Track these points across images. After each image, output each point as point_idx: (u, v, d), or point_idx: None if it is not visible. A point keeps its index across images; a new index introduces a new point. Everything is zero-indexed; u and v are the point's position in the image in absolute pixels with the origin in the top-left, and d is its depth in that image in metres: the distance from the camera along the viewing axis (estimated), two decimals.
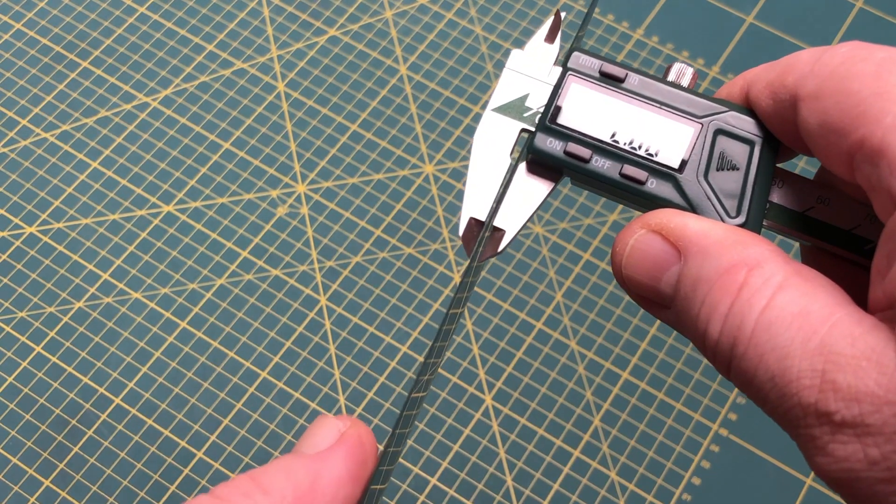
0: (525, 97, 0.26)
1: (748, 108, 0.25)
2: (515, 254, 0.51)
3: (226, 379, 0.48)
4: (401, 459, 0.47)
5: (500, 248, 0.25)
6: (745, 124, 0.24)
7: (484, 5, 0.58)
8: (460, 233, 0.25)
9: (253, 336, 0.49)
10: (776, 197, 0.25)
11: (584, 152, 0.24)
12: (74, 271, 0.51)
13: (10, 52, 0.57)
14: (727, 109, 0.24)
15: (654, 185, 0.24)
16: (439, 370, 0.49)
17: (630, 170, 0.24)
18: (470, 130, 0.55)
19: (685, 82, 0.25)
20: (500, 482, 0.47)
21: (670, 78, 0.26)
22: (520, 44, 0.57)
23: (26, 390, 0.48)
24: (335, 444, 0.23)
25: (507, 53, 0.57)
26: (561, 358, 0.49)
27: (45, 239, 0.52)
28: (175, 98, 0.55)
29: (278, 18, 0.58)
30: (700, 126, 0.24)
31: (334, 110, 0.55)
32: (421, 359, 0.49)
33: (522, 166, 0.25)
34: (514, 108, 0.26)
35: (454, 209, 0.52)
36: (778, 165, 0.25)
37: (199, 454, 0.47)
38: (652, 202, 0.24)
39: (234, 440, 0.47)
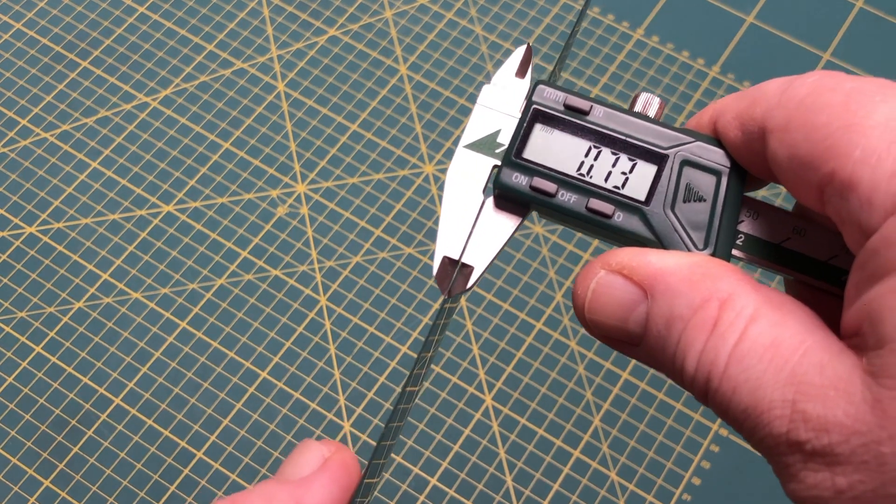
0: (497, 133, 0.26)
1: (716, 138, 0.24)
2: (515, 254, 0.51)
3: (226, 379, 0.48)
4: (401, 459, 0.47)
5: (470, 284, 0.25)
6: (711, 155, 0.24)
7: (484, 5, 0.58)
8: (434, 272, 0.25)
9: (253, 336, 0.49)
10: (751, 229, 0.24)
11: (549, 187, 0.24)
12: (74, 271, 0.51)
13: (10, 52, 0.57)
14: (693, 140, 0.24)
15: (620, 219, 0.24)
16: (439, 370, 0.49)
17: (596, 203, 0.24)
18: None
19: (652, 112, 0.25)
20: (500, 482, 0.47)
21: (637, 108, 0.25)
22: (520, 44, 0.57)
23: (26, 390, 0.48)
24: (318, 471, 0.23)
25: (507, 53, 0.57)
26: (561, 358, 0.49)
27: (45, 239, 0.52)
28: (175, 98, 0.55)
29: (278, 18, 0.58)
30: (666, 157, 0.24)
31: (334, 110, 0.55)
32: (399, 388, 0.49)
33: (490, 201, 0.25)
34: (486, 145, 0.26)
35: None
36: (754, 197, 0.25)
37: (199, 454, 0.47)
38: (620, 235, 0.24)
39: (234, 440, 0.47)
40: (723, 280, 0.21)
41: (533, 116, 0.25)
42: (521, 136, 0.25)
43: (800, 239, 0.24)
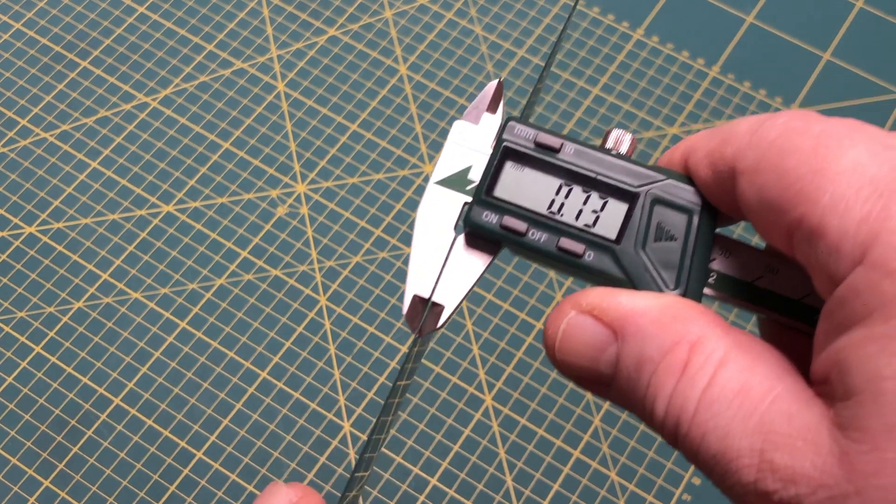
0: (468, 169, 0.25)
1: (687, 176, 0.24)
2: None
3: (226, 379, 0.48)
4: (401, 459, 0.47)
5: (440, 323, 0.24)
6: (682, 193, 0.24)
7: (484, 5, 0.58)
8: (404, 311, 0.25)
9: (253, 336, 0.49)
10: (724, 267, 0.24)
11: (520, 226, 0.24)
12: (74, 271, 0.51)
13: (9, 52, 0.57)
14: (665, 178, 0.24)
15: (591, 258, 0.24)
16: (439, 370, 0.49)
17: (567, 243, 0.24)
18: None
19: (623, 149, 0.25)
20: (500, 482, 0.47)
21: (608, 145, 0.25)
22: (520, 44, 0.57)
23: (26, 390, 0.48)
24: None
25: (507, 53, 0.57)
26: None
27: (45, 239, 0.51)
28: (175, 98, 0.55)
29: (278, 18, 0.58)
30: (637, 196, 0.24)
31: (334, 110, 0.55)
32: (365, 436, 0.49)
33: (461, 239, 0.25)
34: (457, 181, 0.25)
35: None
36: (727, 235, 0.24)
37: (199, 454, 0.47)
38: (591, 275, 0.24)
39: (234, 440, 0.47)
40: (693, 323, 0.21)
41: (503, 154, 0.25)
42: (492, 174, 0.25)
43: (772, 277, 0.24)
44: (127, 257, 0.51)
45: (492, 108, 0.26)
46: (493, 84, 0.26)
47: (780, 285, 0.24)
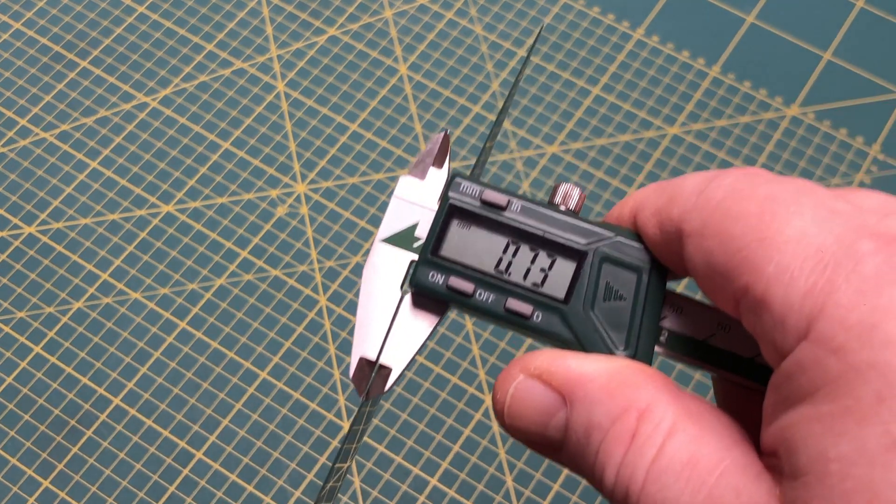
0: (414, 226, 0.25)
1: (636, 233, 0.24)
2: None
3: (226, 379, 0.48)
4: (401, 460, 0.47)
5: (387, 386, 0.24)
6: (631, 251, 0.23)
7: (484, 5, 0.58)
8: (350, 374, 0.24)
9: (253, 336, 0.49)
10: (675, 325, 0.24)
11: (466, 287, 0.24)
12: (74, 271, 0.51)
13: (9, 52, 0.57)
14: (613, 235, 0.24)
15: (539, 319, 0.23)
16: (439, 371, 0.49)
17: (514, 304, 0.23)
18: (470, 130, 0.55)
19: (572, 203, 0.24)
20: (500, 482, 0.47)
21: (557, 200, 0.24)
22: (520, 44, 0.57)
23: (26, 391, 0.48)
24: None
25: (507, 53, 0.57)
26: None
27: (45, 239, 0.51)
28: (174, 98, 0.55)
29: (278, 18, 0.58)
30: (585, 254, 0.23)
31: (334, 110, 0.55)
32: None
33: (408, 299, 0.24)
34: (403, 239, 0.25)
35: None
36: (677, 292, 0.24)
37: (199, 454, 0.47)
38: (540, 336, 0.23)
39: (234, 440, 0.47)
40: (642, 389, 0.21)
41: (449, 212, 0.24)
42: (437, 232, 0.24)
43: (724, 335, 0.23)
44: (127, 257, 0.51)
45: (438, 162, 0.26)
46: (440, 137, 0.26)
47: (731, 343, 0.23)
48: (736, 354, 0.23)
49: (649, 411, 0.20)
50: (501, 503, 0.46)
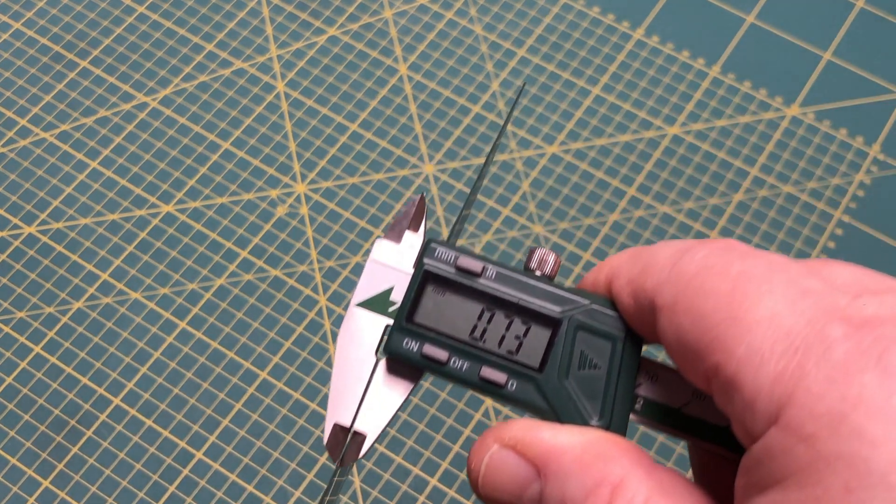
0: (389, 290, 0.25)
1: (611, 300, 0.23)
2: (515, 254, 0.51)
3: (226, 379, 0.48)
4: (401, 460, 0.47)
5: (362, 453, 0.24)
6: (606, 319, 0.23)
7: (484, 5, 0.58)
8: (325, 441, 0.24)
9: (253, 336, 0.49)
10: (650, 392, 0.24)
11: (441, 354, 0.23)
12: (74, 271, 0.51)
13: (9, 52, 0.57)
14: (588, 303, 0.23)
15: (514, 388, 0.23)
16: None
17: (489, 372, 0.23)
18: (470, 130, 0.55)
19: (548, 269, 0.24)
20: None
21: (532, 265, 0.24)
22: (520, 44, 0.57)
23: (25, 391, 0.48)
24: None
25: (507, 53, 0.57)
26: None
27: (45, 239, 0.51)
28: (174, 98, 0.55)
29: (278, 18, 0.58)
30: (560, 322, 0.23)
31: (334, 110, 0.55)
32: None
33: (382, 364, 0.24)
34: (379, 303, 0.25)
35: (454, 209, 0.52)
36: (653, 359, 0.24)
37: (199, 455, 0.47)
38: (514, 404, 0.23)
39: (234, 440, 0.47)
40: (616, 462, 0.21)
41: (423, 279, 0.24)
42: (412, 299, 0.24)
43: (700, 403, 0.23)
44: (127, 257, 0.51)
45: (414, 225, 0.26)
46: (416, 200, 0.26)
47: (706, 412, 0.23)
48: (711, 423, 0.23)
49: (622, 486, 0.20)
50: None
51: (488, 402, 0.48)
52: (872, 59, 0.57)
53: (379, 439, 0.24)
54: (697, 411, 0.23)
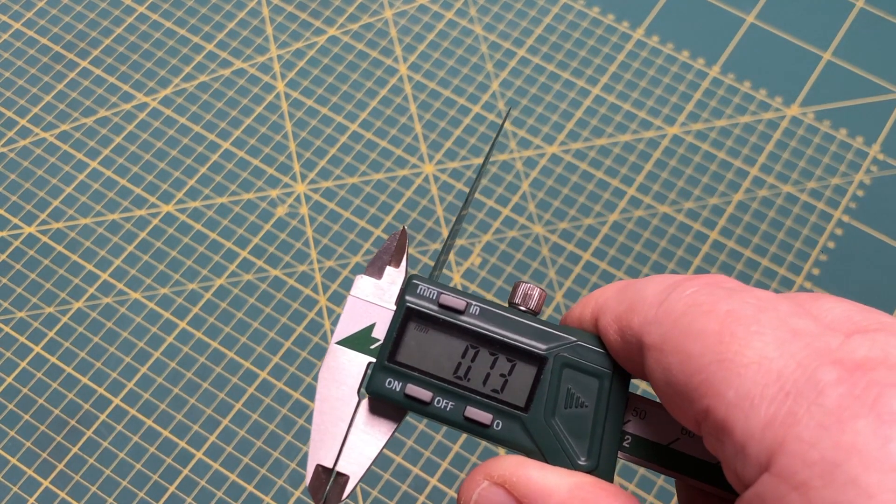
0: (371, 327, 0.24)
1: (597, 336, 0.23)
2: (515, 254, 0.51)
3: (225, 379, 0.48)
4: (401, 460, 0.47)
5: (345, 495, 0.23)
6: (592, 356, 0.23)
7: (484, 5, 0.58)
8: (307, 482, 0.23)
9: (253, 336, 0.49)
10: (638, 429, 0.23)
11: (424, 395, 0.23)
12: (74, 271, 0.51)
13: (9, 52, 0.57)
14: (574, 340, 0.23)
15: (499, 428, 0.23)
16: None
17: (473, 412, 0.23)
18: (470, 130, 0.55)
19: (533, 303, 0.24)
20: None
21: (516, 300, 0.24)
22: (520, 44, 0.57)
23: (25, 390, 0.48)
24: None
25: (507, 53, 0.57)
26: None
27: (45, 239, 0.51)
28: (174, 98, 0.55)
29: (278, 18, 0.58)
30: (546, 359, 0.23)
31: (334, 110, 0.55)
32: None
33: (364, 404, 0.24)
34: (360, 340, 0.24)
35: (454, 209, 0.52)
36: (641, 396, 0.23)
37: (199, 454, 0.47)
38: (500, 444, 0.23)
39: (234, 440, 0.47)
40: None
41: (406, 316, 0.24)
42: (394, 337, 0.24)
43: (689, 440, 0.23)
44: (127, 257, 0.51)
45: (395, 261, 0.25)
46: (396, 235, 0.25)
47: (696, 448, 0.23)
48: (700, 460, 0.23)
49: None
50: None
51: None
52: (872, 59, 0.57)
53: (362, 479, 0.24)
54: (686, 448, 0.23)
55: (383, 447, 0.24)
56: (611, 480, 0.22)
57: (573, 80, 0.56)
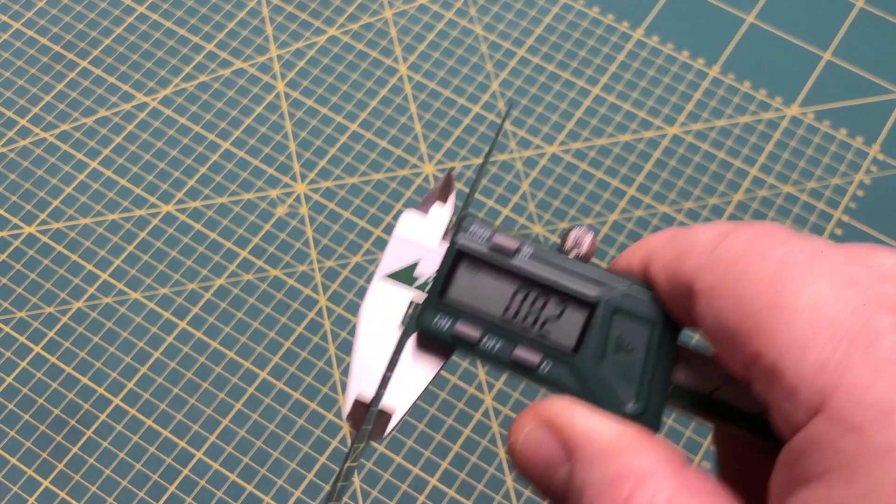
0: (415, 265, 0.24)
1: (647, 284, 0.23)
2: None
3: (225, 379, 0.48)
4: (401, 459, 0.47)
5: (388, 430, 0.23)
6: (643, 303, 0.23)
7: (484, 5, 0.58)
8: (345, 414, 0.23)
9: (252, 336, 0.49)
10: (680, 376, 0.23)
11: (472, 333, 0.23)
12: (73, 271, 0.51)
13: (9, 52, 0.57)
14: (625, 286, 0.23)
15: (547, 370, 0.23)
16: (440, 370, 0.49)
17: (522, 353, 0.23)
18: (470, 130, 0.55)
19: (584, 250, 0.24)
20: (500, 482, 0.46)
21: (567, 245, 0.24)
22: (520, 44, 0.57)
23: (25, 390, 0.48)
24: None
25: (507, 53, 0.57)
26: None
27: (45, 239, 0.51)
28: (174, 98, 0.55)
29: (278, 18, 0.58)
30: (597, 305, 0.23)
31: (334, 110, 0.55)
32: None
33: (412, 340, 0.24)
34: (404, 277, 0.24)
35: (454, 209, 0.52)
36: (685, 345, 0.23)
37: (199, 454, 0.47)
38: (547, 386, 0.23)
39: (234, 440, 0.47)
40: (642, 457, 0.20)
41: (458, 255, 0.24)
42: (445, 276, 0.23)
43: (732, 388, 0.23)
44: (127, 257, 0.51)
45: (442, 199, 0.25)
46: (445, 175, 0.25)
47: (739, 397, 0.23)
48: (740, 410, 0.23)
49: (645, 482, 0.20)
50: (501, 503, 0.46)
51: (488, 402, 0.48)
52: (872, 59, 0.57)
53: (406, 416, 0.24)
54: (729, 395, 0.23)
55: (429, 384, 0.24)
56: (657, 426, 0.22)
57: (573, 79, 0.56)
